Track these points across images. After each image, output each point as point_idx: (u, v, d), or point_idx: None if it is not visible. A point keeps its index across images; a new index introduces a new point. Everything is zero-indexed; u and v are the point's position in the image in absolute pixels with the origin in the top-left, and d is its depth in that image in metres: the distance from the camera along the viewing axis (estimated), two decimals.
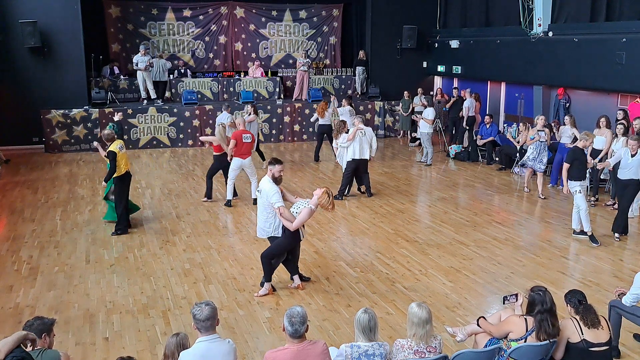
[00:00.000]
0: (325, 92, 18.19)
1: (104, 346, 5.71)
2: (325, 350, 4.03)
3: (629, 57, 11.03)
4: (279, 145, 16.53)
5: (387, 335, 5.82)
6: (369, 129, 11.16)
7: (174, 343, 4.08)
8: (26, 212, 10.16)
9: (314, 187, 11.73)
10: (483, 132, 14.04)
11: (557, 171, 11.81)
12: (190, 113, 15.94)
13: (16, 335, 3.56)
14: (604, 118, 10.62)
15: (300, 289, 6.94)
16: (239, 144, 10.12)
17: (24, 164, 13.83)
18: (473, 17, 16.96)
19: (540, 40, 13.27)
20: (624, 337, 5.64)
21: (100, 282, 7.22)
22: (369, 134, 10.91)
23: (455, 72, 16.92)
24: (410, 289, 7.00)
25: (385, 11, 18.01)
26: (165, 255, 8.14)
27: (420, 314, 4.19)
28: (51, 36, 15.13)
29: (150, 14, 17.61)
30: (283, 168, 6.85)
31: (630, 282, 5.51)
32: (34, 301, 6.66)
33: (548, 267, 7.70)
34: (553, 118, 13.74)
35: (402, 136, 17.67)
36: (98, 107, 15.47)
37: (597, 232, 9.15)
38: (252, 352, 5.58)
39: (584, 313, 4.54)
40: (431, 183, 12.55)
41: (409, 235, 8.96)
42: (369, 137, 10.87)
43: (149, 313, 6.39)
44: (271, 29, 18.79)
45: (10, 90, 15.11)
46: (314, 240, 8.74)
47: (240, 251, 8.26)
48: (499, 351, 4.56)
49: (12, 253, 8.21)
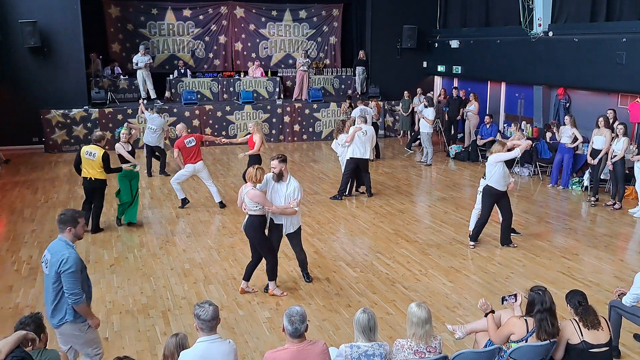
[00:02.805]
0: (325, 92, 18.20)
1: (104, 346, 5.67)
2: (325, 350, 4.02)
3: (629, 57, 11.02)
4: (278, 145, 16.52)
5: (387, 335, 5.82)
6: (371, 128, 11.12)
7: (173, 343, 4.08)
8: (26, 212, 10.16)
9: (313, 187, 11.77)
10: (483, 132, 14.03)
11: (557, 171, 11.83)
12: (190, 113, 15.94)
13: (16, 335, 3.56)
14: (603, 118, 10.62)
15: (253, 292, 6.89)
16: (185, 151, 9.89)
17: (24, 164, 13.83)
18: (473, 17, 16.95)
19: (540, 40, 13.27)
20: (624, 337, 5.64)
21: (100, 282, 7.21)
22: (370, 133, 10.87)
23: (455, 72, 16.91)
24: (410, 289, 7.00)
25: (385, 11, 18.00)
26: (165, 255, 8.14)
27: (419, 314, 4.19)
28: (51, 36, 15.12)
29: (150, 14, 17.61)
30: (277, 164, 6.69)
31: (630, 282, 5.51)
32: (34, 301, 6.66)
33: (548, 267, 7.70)
34: (553, 118, 13.76)
35: (402, 136, 17.67)
36: (98, 107, 15.47)
37: (597, 232, 9.16)
38: (252, 352, 5.58)
39: (583, 314, 4.53)
40: (431, 183, 12.56)
41: (409, 236, 8.96)
42: (370, 137, 10.84)
43: (149, 313, 6.39)
44: (271, 29, 18.79)
45: (10, 90, 15.10)
46: (314, 240, 8.74)
47: (240, 251, 8.26)
48: (499, 351, 4.56)
49: (12, 253, 8.20)
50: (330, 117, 17.12)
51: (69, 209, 5.00)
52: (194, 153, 9.95)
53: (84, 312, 4.49)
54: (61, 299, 4.44)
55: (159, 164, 12.89)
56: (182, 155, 9.96)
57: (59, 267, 4.34)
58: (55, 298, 4.44)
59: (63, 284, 4.36)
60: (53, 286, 4.41)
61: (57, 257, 4.38)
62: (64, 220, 4.53)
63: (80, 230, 4.61)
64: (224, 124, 16.15)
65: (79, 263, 4.45)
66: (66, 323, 4.49)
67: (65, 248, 4.43)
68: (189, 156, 9.94)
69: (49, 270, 4.44)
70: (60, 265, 4.34)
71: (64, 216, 4.55)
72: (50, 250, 4.49)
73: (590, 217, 10.08)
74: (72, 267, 4.34)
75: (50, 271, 4.41)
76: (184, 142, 9.90)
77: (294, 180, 6.80)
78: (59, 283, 4.38)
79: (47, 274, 4.48)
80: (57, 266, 4.35)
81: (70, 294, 4.36)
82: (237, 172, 13.09)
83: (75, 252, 4.48)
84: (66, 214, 4.58)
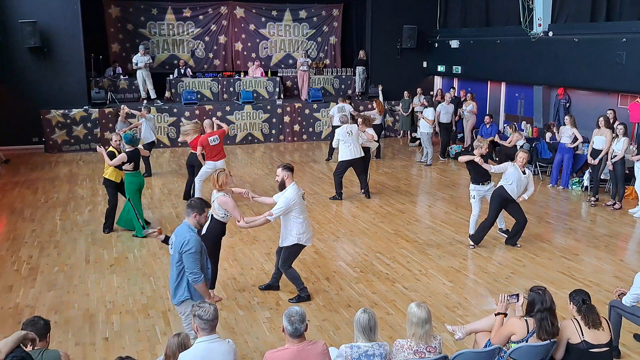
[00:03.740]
0: (325, 92, 18.20)
1: (104, 346, 5.71)
2: (325, 351, 4.02)
3: (629, 57, 11.02)
4: (278, 145, 16.53)
5: (387, 335, 5.82)
6: (354, 126, 10.91)
7: (175, 343, 4.07)
8: (26, 212, 10.16)
9: (313, 187, 11.77)
10: (483, 132, 14.03)
11: (557, 171, 11.83)
12: (190, 113, 15.93)
13: (16, 335, 3.56)
14: (603, 118, 10.62)
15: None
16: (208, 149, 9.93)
17: (24, 164, 13.83)
18: (473, 17, 16.96)
19: (540, 40, 13.27)
20: (624, 337, 5.64)
21: (100, 282, 7.22)
22: (354, 132, 10.71)
23: (455, 72, 16.91)
24: (410, 289, 7.00)
25: (385, 11, 18.00)
26: (165, 255, 8.12)
27: (419, 313, 4.19)
28: (51, 36, 15.12)
29: (150, 14, 17.60)
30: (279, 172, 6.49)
31: (630, 282, 5.51)
32: (34, 301, 6.66)
33: (548, 267, 7.70)
34: (553, 118, 13.76)
35: (402, 136, 17.67)
36: (98, 107, 15.47)
37: (597, 232, 9.16)
38: (252, 352, 5.58)
39: (586, 313, 4.53)
40: (431, 183, 12.56)
41: (409, 236, 8.96)
42: (356, 136, 10.68)
43: (149, 313, 6.40)
44: (271, 29, 18.79)
45: (10, 90, 15.10)
46: (314, 240, 8.73)
47: (240, 251, 8.26)
48: (499, 351, 4.56)
49: (12, 253, 8.20)
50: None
51: (200, 197, 5.52)
52: (217, 151, 9.98)
53: (201, 290, 4.84)
54: (182, 278, 4.83)
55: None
56: (205, 152, 9.97)
57: (181, 247, 4.75)
58: (177, 277, 4.85)
59: (184, 264, 4.74)
60: (176, 265, 4.84)
61: (180, 239, 4.79)
62: (192, 206, 4.96)
63: (203, 220, 5.03)
64: (224, 124, 16.13)
65: (199, 246, 4.84)
66: (186, 301, 4.87)
67: (187, 231, 4.84)
68: (211, 154, 9.96)
69: (173, 251, 4.87)
70: (182, 246, 4.74)
71: (194, 202, 5.02)
72: (175, 234, 4.92)
73: (590, 217, 10.08)
74: (193, 249, 4.74)
75: (175, 252, 4.83)
76: (208, 140, 9.92)
77: (289, 190, 6.38)
78: (181, 263, 4.78)
79: (172, 255, 4.91)
80: (179, 247, 4.76)
81: (190, 273, 4.74)
82: (237, 172, 13.12)
83: (196, 235, 4.86)
84: (196, 201, 5.06)
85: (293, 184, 6.44)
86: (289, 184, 6.42)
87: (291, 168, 6.51)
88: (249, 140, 16.66)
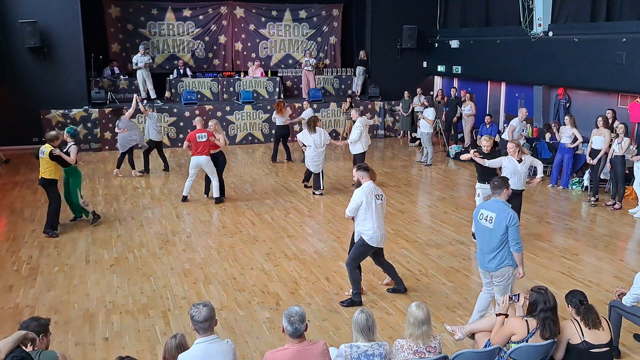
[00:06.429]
0: (325, 92, 18.20)
1: (104, 346, 5.71)
2: (325, 351, 4.02)
3: (629, 57, 11.03)
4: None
5: (387, 335, 5.82)
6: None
7: (173, 346, 4.07)
8: (26, 212, 10.16)
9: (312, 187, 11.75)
10: (483, 132, 14.02)
11: (557, 171, 11.84)
12: (190, 113, 15.91)
13: (16, 335, 3.56)
14: (602, 118, 10.62)
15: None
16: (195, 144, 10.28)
17: (24, 164, 13.81)
18: (473, 17, 16.96)
19: (540, 40, 13.27)
20: (624, 337, 5.64)
21: (100, 282, 7.21)
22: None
23: (455, 72, 16.92)
24: (410, 289, 6.99)
25: (385, 11, 18.00)
26: (165, 255, 8.13)
27: (417, 314, 4.19)
28: (51, 36, 15.12)
29: (150, 14, 17.59)
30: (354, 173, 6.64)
31: (630, 282, 5.51)
32: (34, 301, 6.66)
33: (548, 267, 7.70)
34: (553, 118, 13.76)
35: (402, 136, 17.67)
36: (98, 107, 15.46)
37: (597, 232, 9.16)
38: (252, 352, 5.57)
39: (585, 313, 4.53)
40: (431, 183, 12.55)
41: (409, 235, 8.96)
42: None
43: (149, 313, 6.39)
44: (271, 29, 18.78)
45: (10, 90, 15.09)
46: (314, 240, 8.74)
47: (240, 251, 8.26)
48: (499, 351, 4.56)
49: (12, 253, 8.20)
50: (330, 117, 17.12)
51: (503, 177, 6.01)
52: (202, 147, 10.28)
53: (520, 259, 5.51)
54: (503, 247, 5.45)
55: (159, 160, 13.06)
56: (192, 147, 10.32)
57: (508, 221, 5.35)
58: (499, 246, 5.44)
59: (509, 235, 5.38)
60: (500, 237, 5.41)
61: (504, 214, 5.38)
62: (498, 186, 5.57)
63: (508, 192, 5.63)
64: (224, 124, 16.13)
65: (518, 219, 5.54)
66: (505, 266, 5.48)
67: (507, 207, 5.47)
68: (197, 149, 10.28)
69: (496, 225, 5.41)
70: (509, 220, 5.35)
71: (497, 183, 5.60)
72: (493, 210, 5.48)
73: (590, 217, 10.08)
74: (517, 222, 5.43)
75: (500, 225, 5.39)
76: (195, 136, 10.27)
77: (357, 190, 6.49)
78: (505, 234, 5.39)
79: (491, 228, 5.44)
80: (506, 220, 5.35)
81: (514, 243, 5.40)
82: (237, 172, 13.11)
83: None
84: (499, 181, 5.63)
85: (365, 184, 6.44)
86: (364, 181, 6.48)
87: (366, 168, 6.55)
88: (249, 140, 16.67)
